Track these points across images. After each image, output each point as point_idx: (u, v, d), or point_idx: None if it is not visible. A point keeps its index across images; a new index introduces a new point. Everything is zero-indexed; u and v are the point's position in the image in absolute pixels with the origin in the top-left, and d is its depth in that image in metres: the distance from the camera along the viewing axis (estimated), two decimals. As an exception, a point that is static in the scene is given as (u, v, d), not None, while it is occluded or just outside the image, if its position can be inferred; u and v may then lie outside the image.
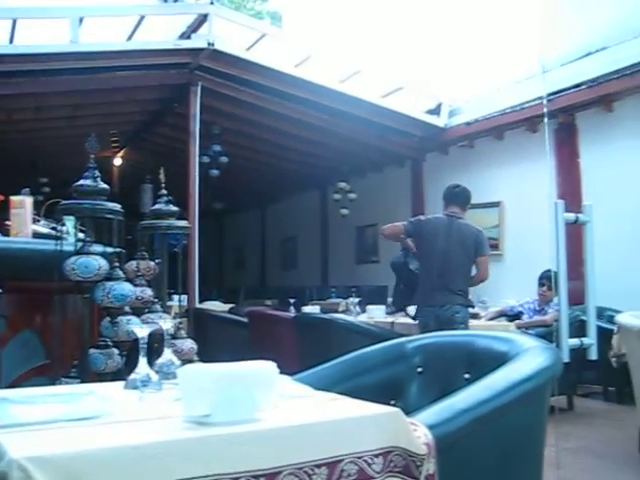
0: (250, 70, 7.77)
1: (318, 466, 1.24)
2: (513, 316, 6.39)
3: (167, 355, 1.72)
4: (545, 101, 4.65)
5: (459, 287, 4.81)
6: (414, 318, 5.10)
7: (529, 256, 7.05)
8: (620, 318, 4.25)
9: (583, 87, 7.18)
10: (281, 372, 1.82)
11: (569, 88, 7.29)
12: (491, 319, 6.42)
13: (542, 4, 6.32)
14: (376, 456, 1.33)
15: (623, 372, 4.63)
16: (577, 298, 3.41)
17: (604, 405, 6.16)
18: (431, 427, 1.48)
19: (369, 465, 1.31)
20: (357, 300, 7.14)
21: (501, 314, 6.56)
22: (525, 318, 6.27)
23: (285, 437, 1.23)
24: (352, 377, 2.21)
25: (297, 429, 1.26)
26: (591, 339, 2.36)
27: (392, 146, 9.93)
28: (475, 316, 6.14)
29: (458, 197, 5.09)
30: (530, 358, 1.86)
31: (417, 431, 1.45)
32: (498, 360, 1.90)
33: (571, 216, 2.29)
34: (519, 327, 5.70)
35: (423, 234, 4.99)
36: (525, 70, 7.68)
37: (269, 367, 1.35)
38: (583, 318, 5.96)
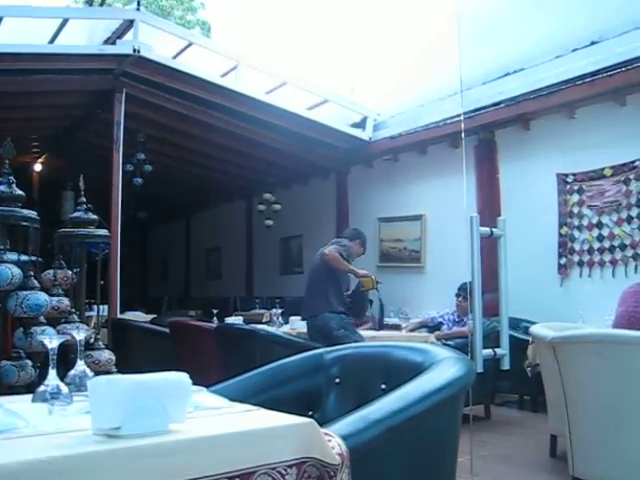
0: (176, 78, 7.69)
1: (231, 478, 1.23)
2: (433, 327, 6.51)
3: (80, 366, 1.68)
4: (462, 118, 4.77)
5: (323, 298, 5.33)
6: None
7: (450, 268, 7.20)
8: (534, 329, 4.38)
9: (502, 105, 7.41)
10: (203, 383, 1.81)
11: (489, 106, 7.51)
12: (411, 330, 6.53)
13: (462, 24, 6.50)
14: (290, 467, 1.33)
15: (537, 381, 4.78)
16: (495, 310, 3.51)
17: (519, 413, 6.33)
18: (345, 437, 1.49)
19: (283, 476, 1.31)
20: (280, 311, 7.15)
21: (422, 325, 6.68)
22: (445, 329, 6.39)
23: (197, 449, 1.22)
24: (270, 388, 2.21)
25: (209, 441, 1.25)
26: (504, 349, 2.42)
27: (317, 158, 9.99)
28: (396, 327, 6.24)
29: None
30: (444, 369, 1.90)
31: (331, 441, 1.46)
32: (413, 370, 1.93)
33: (486, 230, 2.35)
34: (439, 338, 5.80)
35: None
36: (448, 87, 7.87)
37: (182, 378, 1.33)
38: (499, 329, 6.14)
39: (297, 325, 6.08)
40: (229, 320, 7.08)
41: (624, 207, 6.46)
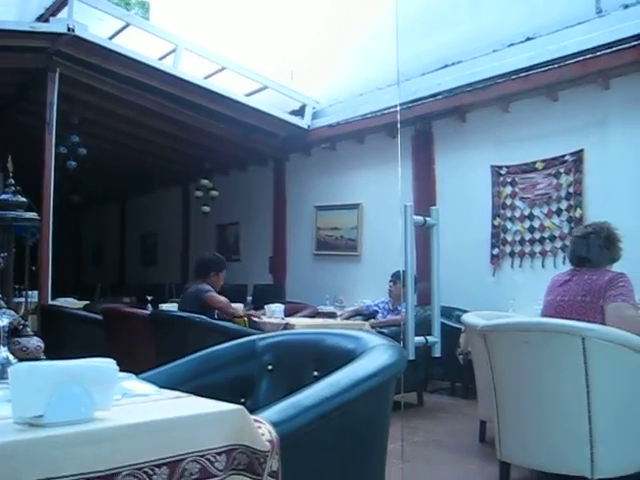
0: (112, 59, 7.51)
1: (158, 466, 1.22)
2: (369, 315, 6.57)
3: (2, 353, 1.63)
4: (399, 109, 4.83)
5: None
6: None
7: (386, 257, 7.27)
8: (465, 317, 4.47)
9: (439, 97, 7.51)
10: (136, 371, 1.78)
11: (427, 97, 7.60)
12: (347, 318, 6.57)
13: (403, 16, 6.55)
14: (219, 454, 1.32)
15: (469, 369, 4.88)
16: (429, 298, 3.55)
17: (451, 400, 6.46)
18: (276, 424, 1.49)
19: (212, 463, 1.30)
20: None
21: (357, 313, 6.73)
22: (380, 317, 6.46)
23: (123, 437, 1.19)
24: (201, 375, 2.19)
25: (136, 428, 1.22)
26: (435, 337, 2.46)
27: (256, 145, 9.94)
28: (331, 315, 6.27)
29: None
30: (375, 356, 1.91)
31: (261, 428, 1.45)
32: (346, 357, 1.94)
33: (420, 219, 2.38)
34: (373, 326, 5.86)
35: None
36: (387, 78, 7.93)
37: (108, 364, 1.31)
38: (433, 318, 6.22)
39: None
40: (164, 307, 7.00)
41: (554, 200, 6.65)
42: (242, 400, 2.16)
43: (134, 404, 1.43)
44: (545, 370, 3.29)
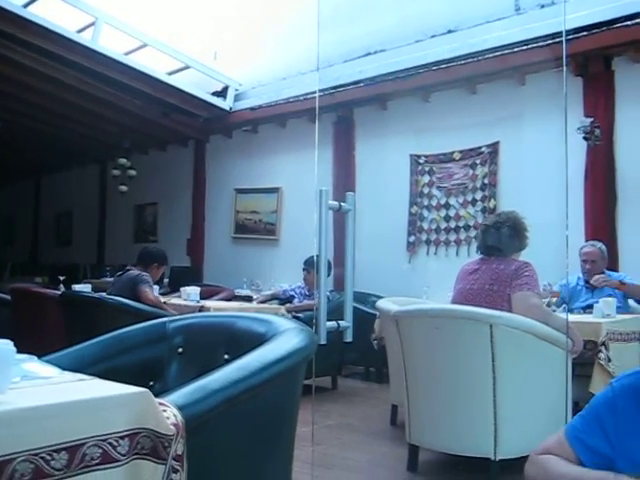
0: (28, 30, 7.20)
1: (57, 451, 1.18)
2: (285, 299, 6.59)
3: None
4: (318, 95, 4.85)
5: None
6: None
7: (304, 241, 7.24)
8: (379, 303, 4.54)
9: (361, 85, 7.55)
10: (44, 353, 1.73)
11: (349, 84, 7.63)
12: (263, 302, 6.57)
13: (326, 0, 6.54)
14: (122, 438, 1.29)
15: (383, 354, 4.97)
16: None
17: (365, 384, 6.57)
18: (181, 408, 1.48)
19: (114, 447, 1.28)
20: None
21: (274, 297, 6.74)
22: (296, 302, 6.49)
23: (19, 421, 1.15)
24: (109, 358, 2.15)
25: (34, 412, 1.19)
26: (347, 322, 2.49)
27: (176, 125, 9.77)
28: (248, 299, 6.25)
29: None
30: (286, 339, 1.92)
31: (166, 412, 1.43)
32: (256, 341, 1.94)
33: (335, 204, 2.39)
34: (289, 310, 5.88)
35: None
36: (310, 63, 7.91)
37: (3, 345, 1.26)
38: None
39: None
40: (76, 287, 6.82)
41: (470, 190, 6.82)
42: (151, 383, 2.14)
43: (33, 387, 1.38)
44: (454, 356, 3.38)
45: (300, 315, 5.49)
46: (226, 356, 2.08)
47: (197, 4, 9.69)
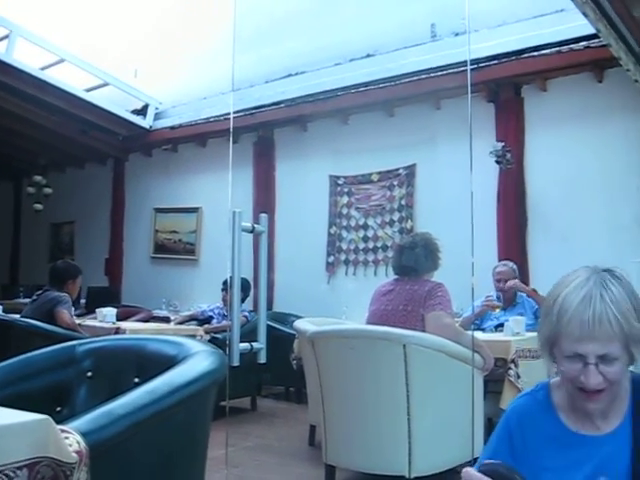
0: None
1: (-54, 483, 1.15)
2: (203, 320, 6.52)
3: None
4: (232, 116, 4.88)
5: None
6: None
7: (224, 261, 7.22)
8: (297, 324, 4.56)
9: (282, 106, 7.60)
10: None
11: (270, 105, 7.68)
12: (181, 323, 6.49)
13: (249, 22, 6.59)
14: (19, 468, 1.25)
15: (302, 374, 4.98)
16: (266, 304, 3.58)
17: (285, 405, 6.55)
18: (85, 434, 1.44)
19: (11, 479, 1.24)
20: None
21: (192, 318, 6.66)
22: (215, 322, 6.43)
23: None
24: (15, 383, 2.08)
25: None
26: (261, 344, 2.49)
27: (95, 143, 9.58)
28: (166, 320, 6.16)
29: None
30: (196, 362, 1.91)
31: (69, 439, 1.40)
32: (167, 364, 1.92)
33: (248, 226, 2.40)
34: (207, 331, 5.82)
35: None
36: (231, 83, 7.91)
37: None
38: (268, 323, 6.29)
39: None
40: (-15, 309, 6.56)
41: (387, 211, 6.95)
42: (58, 409, 2.08)
43: None
44: (369, 375, 3.42)
45: (218, 336, 5.45)
46: (137, 380, 2.04)
47: (118, 21, 9.58)
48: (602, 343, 1.38)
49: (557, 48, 5.84)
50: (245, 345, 2.44)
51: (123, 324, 5.64)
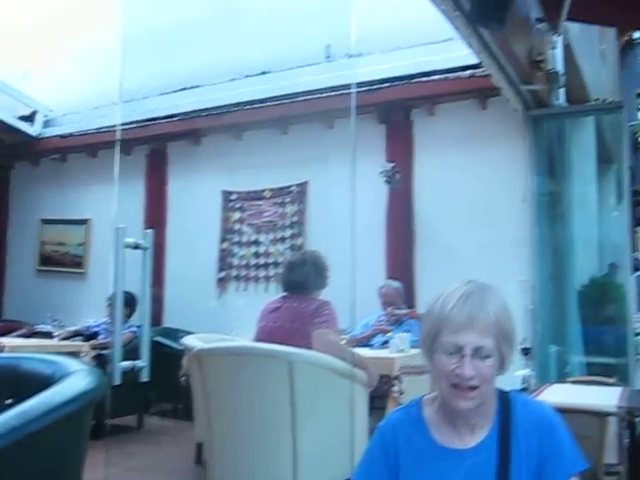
0: None
1: None
2: (89, 336, 6.32)
3: None
4: (120, 128, 4.82)
5: None
6: None
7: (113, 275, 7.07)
8: (185, 340, 4.51)
9: (176, 119, 7.53)
10: None
11: (163, 118, 7.59)
12: (65, 338, 6.28)
13: (143, 32, 6.50)
14: None
15: (191, 391, 4.92)
16: (155, 320, 3.54)
17: (173, 422, 6.43)
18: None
19: None
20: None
21: (77, 334, 6.44)
22: (101, 338, 6.26)
23: None
24: None
25: None
26: (144, 362, 2.46)
27: (-23, 149, 9.17)
28: (49, 336, 5.95)
29: None
30: (72, 382, 1.87)
31: None
32: (43, 383, 1.87)
33: (132, 241, 2.38)
34: (94, 347, 5.67)
35: None
36: (124, 93, 7.76)
37: None
38: (157, 339, 6.20)
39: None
40: None
41: (279, 227, 7.00)
42: None
43: None
44: (255, 393, 3.43)
45: (104, 352, 5.31)
46: (9, 401, 1.97)
47: (7, 23, 9.22)
48: (479, 335, 1.51)
49: (445, 75, 6.08)
50: (127, 363, 2.40)
51: (3, 340, 5.41)
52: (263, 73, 7.24)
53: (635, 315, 6.13)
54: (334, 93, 6.42)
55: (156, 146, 7.91)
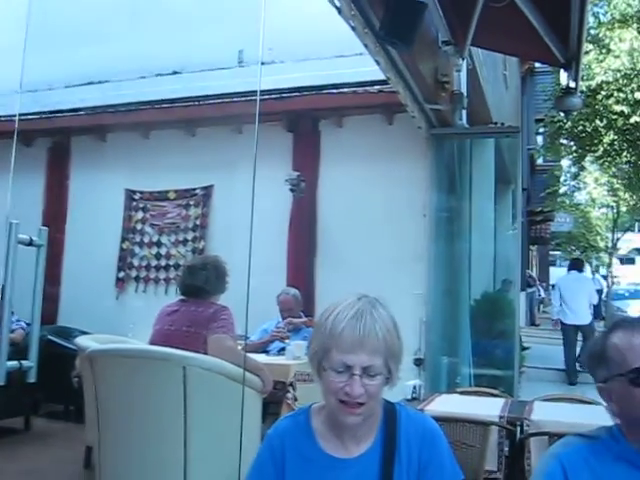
0: None
1: None
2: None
3: None
4: (17, 118, 4.66)
5: None
6: None
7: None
8: (78, 341, 4.40)
9: (81, 113, 7.34)
10: None
11: (68, 111, 7.39)
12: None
13: (52, 21, 6.31)
14: None
15: (82, 392, 4.80)
16: (49, 318, 3.42)
17: (63, 424, 6.23)
18: None
19: None
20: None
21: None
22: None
23: None
24: None
25: None
26: (31, 362, 2.39)
27: None
28: None
29: None
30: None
31: None
32: None
33: (26, 238, 2.31)
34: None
35: None
36: (25, 83, 7.51)
37: None
38: (50, 338, 6.01)
39: None
40: None
41: (182, 230, 6.94)
42: None
43: None
44: (148, 397, 3.38)
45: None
46: None
47: None
48: (369, 355, 1.55)
49: (354, 88, 6.19)
50: (13, 363, 2.33)
51: None
52: (174, 73, 7.17)
53: (524, 329, 6.41)
54: (244, 98, 6.43)
55: (59, 139, 7.69)
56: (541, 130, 15.38)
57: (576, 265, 10.28)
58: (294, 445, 1.66)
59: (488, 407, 3.67)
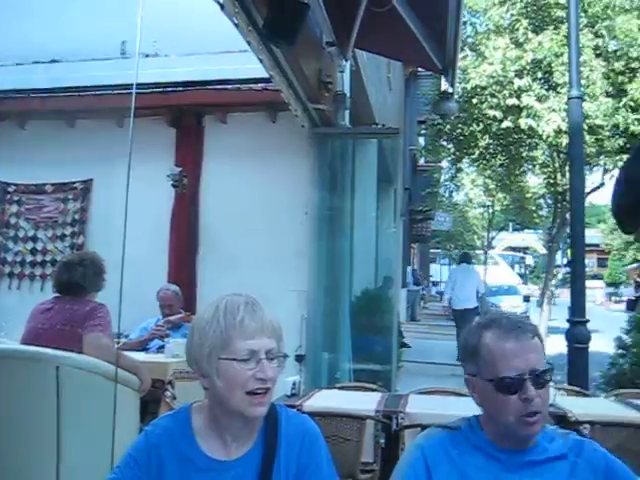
0: None
1: None
2: None
3: None
4: None
5: None
6: None
7: None
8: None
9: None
10: None
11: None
12: None
13: None
14: None
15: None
16: None
17: None
18: None
19: None
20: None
21: None
22: None
23: None
24: None
25: None
26: None
27: None
28: None
29: None
30: None
31: None
32: None
33: None
34: None
35: None
36: None
37: None
38: None
39: None
40: None
41: (60, 224, 6.71)
42: None
43: None
44: (19, 398, 3.26)
45: None
46: None
47: None
48: (269, 338, 1.60)
49: (238, 85, 6.17)
50: None
51: None
52: (53, 61, 6.90)
53: (405, 324, 6.62)
54: (125, 91, 6.27)
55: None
56: (423, 131, 15.84)
57: (465, 258, 12.30)
58: (172, 445, 1.64)
59: (365, 401, 3.77)
